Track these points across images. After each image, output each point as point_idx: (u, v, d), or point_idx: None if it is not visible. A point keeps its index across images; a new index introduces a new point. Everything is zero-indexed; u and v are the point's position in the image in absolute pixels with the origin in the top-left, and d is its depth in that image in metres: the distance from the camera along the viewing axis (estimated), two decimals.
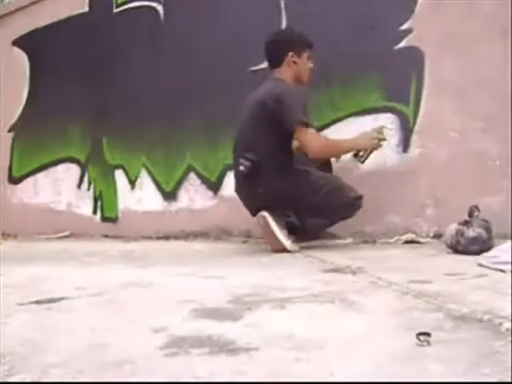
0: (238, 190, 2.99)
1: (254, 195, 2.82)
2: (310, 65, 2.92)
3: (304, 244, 2.83)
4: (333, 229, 2.98)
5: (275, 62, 2.91)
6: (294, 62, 2.87)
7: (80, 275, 2.23)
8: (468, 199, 2.68)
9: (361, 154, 2.80)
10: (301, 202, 2.78)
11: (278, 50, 2.88)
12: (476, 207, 2.42)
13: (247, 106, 2.90)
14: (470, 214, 2.43)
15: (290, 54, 2.87)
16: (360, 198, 2.77)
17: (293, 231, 2.84)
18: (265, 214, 2.74)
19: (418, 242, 2.88)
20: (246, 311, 1.38)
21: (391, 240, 2.95)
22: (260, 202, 2.79)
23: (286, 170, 2.80)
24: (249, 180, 2.79)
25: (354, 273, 1.95)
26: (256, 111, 2.80)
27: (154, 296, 1.68)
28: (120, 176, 4.21)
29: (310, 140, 2.72)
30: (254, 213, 2.86)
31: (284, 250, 2.69)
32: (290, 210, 2.89)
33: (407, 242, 2.90)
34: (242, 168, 2.77)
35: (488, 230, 2.38)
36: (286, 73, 2.88)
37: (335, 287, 1.67)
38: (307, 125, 2.71)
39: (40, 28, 4.66)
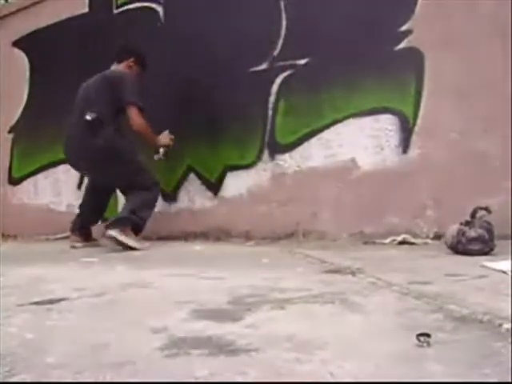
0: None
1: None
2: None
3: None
4: (330, 228, 2.98)
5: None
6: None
7: (80, 276, 2.23)
8: (468, 200, 2.68)
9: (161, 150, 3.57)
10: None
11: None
12: (486, 209, 2.41)
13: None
14: (473, 215, 2.43)
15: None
16: None
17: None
18: (112, 233, 3.15)
19: (412, 243, 2.86)
20: (246, 312, 1.38)
21: (386, 241, 2.94)
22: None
23: None
24: None
25: (354, 273, 1.95)
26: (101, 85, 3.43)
27: (153, 297, 1.68)
28: None
29: (137, 116, 3.39)
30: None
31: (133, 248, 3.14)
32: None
33: (402, 242, 2.89)
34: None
35: (490, 231, 2.37)
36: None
37: (335, 288, 1.67)
38: (139, 106, 3.38)
39: (40, 29, 4.66)
